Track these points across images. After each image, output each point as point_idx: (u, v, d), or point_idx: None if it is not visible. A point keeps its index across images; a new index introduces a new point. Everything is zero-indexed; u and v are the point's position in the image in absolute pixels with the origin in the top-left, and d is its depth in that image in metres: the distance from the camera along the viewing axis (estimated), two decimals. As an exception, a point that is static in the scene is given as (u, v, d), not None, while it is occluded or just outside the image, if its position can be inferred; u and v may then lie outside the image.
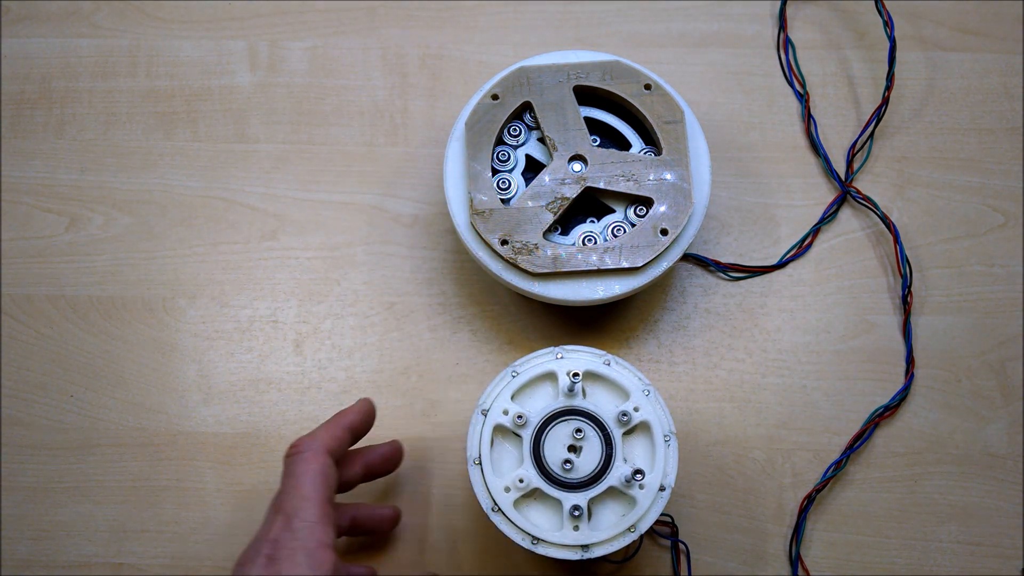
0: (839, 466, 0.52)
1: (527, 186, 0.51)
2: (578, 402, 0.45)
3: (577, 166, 0.51)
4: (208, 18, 0.61)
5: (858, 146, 0.58)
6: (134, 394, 0.54)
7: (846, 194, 0.57)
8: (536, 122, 0.52)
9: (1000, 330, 0.55)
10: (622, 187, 0.50)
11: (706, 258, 0.56)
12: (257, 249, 0.57)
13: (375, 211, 0.57)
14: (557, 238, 0.51)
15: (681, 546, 0.51)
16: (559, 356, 0.46)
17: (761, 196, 0.58)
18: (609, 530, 0.44)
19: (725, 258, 0.56)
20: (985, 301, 0.55)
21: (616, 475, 0.44)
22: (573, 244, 0.50)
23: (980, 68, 0.60)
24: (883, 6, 0.58)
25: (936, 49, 0.61)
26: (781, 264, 0.56)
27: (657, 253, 0.49)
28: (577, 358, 0.46)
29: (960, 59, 0.60)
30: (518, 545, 0.44)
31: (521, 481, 0.44)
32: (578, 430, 0.45)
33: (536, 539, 0.44)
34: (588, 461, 0.45)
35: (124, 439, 0.53)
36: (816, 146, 0.58)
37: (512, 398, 0.45)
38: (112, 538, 0.52)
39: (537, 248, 0.49)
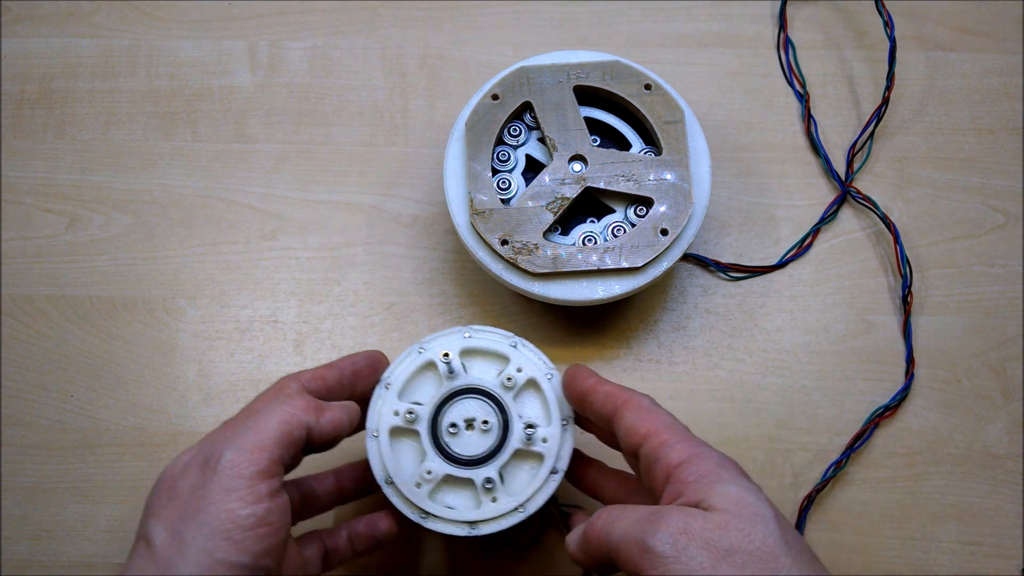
0: (839, 466, 0.52)
1: (527, 186, 0.51)
2: (507, 397, 0.45)
3: (577, 166, 0.51)
4: (208, 18, 0.61)
5: (858, 146, 0.58)
6: (134, 394, 0.54)
7: (846, 194, 0.57)
8: (536, 122, 0.52)
9: (1000, 330, 0.55)
10: (622, 187, 0.50)
11: (706, 258, 0.56)
12: (257, 249, 0.57)
13: (375, 211, 0.57)
14: (557, 238, 0.51)
15: None
16: (513, 345, 0.46)
17: (761, 196, 0.58)
18: (450, 512, 0.44)
19: (725, 258, 0.56)
20: (985, 301, 0.55)
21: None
22: (573, 244, 0.50)
23: (980, 68, 0.60)
24: (883, 6, 0.58)
25: (936, 49, 0.61)
26: (781, 264, 0.56)
27: (657, 253, 0.49)
28: (526, 355, 0.46)
29: (960, 59, 0.60)
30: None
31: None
32: (488, 416, 0.45)
33: (390, 481, 0.44)
34: (472, 445, 0.45)
35: (124, 439, 0.53)
36: (816, 146, 0.58)
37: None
38: (112, 538, 0.52)
39: (537, 248, 0.49)
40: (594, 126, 0.52)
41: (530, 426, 0.44)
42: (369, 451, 0.44)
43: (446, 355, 0.44)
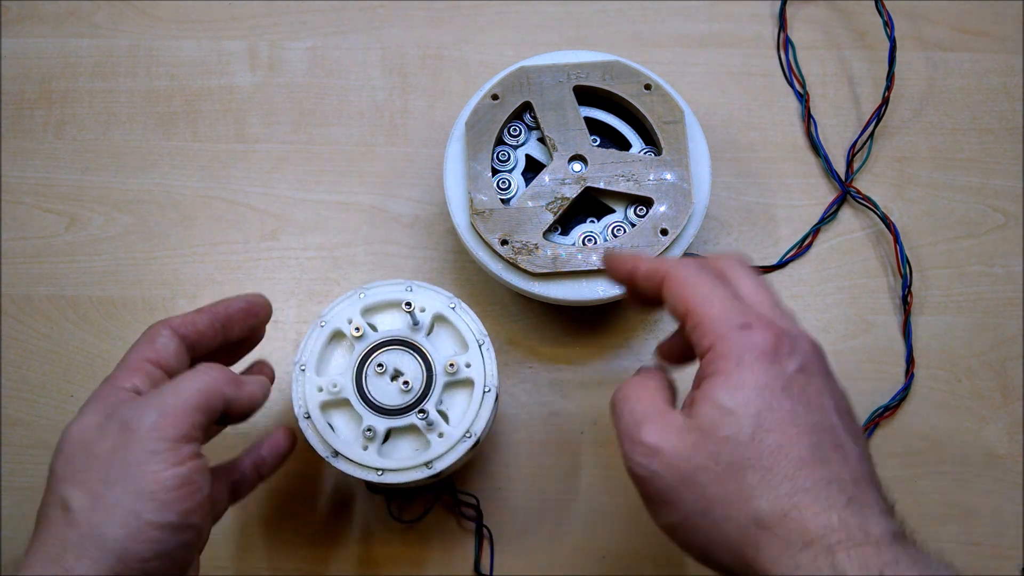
0: (839, 466, 0.52)
1: (527, 186, 0.51)
2: (419, 338, 0.46)
3: (577, 166, 0.51)
4: (208, 18, 0.61)
5: (858, 146, 0.58)
6: (134, 394, 0.54)
7: (846, 194, 0.57)
8: (536, 122, 0.52)
9: (1000, 330, 0.55)
10: (622, 187, 0.50)
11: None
12: (257, 249, 0.57)
13: (375, 211, 0.57)
14: (557, 238, 0.51)
15: (485, 531, 0.51)
16: (408, 289, 0.47)
17: (761, 196, 0.58)
18: (405, 460, 0.45)
19: (725, 258, 0.56)
20: (985, 301, 0.55)
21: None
22: (573, 244, 0.50)
23: (980, 68, 0.60)
24: (883, 6, 0.58)
25: (936, 49, 0.61)
26: (781, 264, 0.56)
27: (657, 253, 0.49)
28: (424, 295, 0.47)
29: (960, 59, 0.60)
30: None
31: (335, 386, 0.45)
32: (407, 362, 0.46)
33: (337, 453, 0.45)
34: (402, 393, 0.46)
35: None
36: (816, 146, 0.58)
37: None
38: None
39: (537, 248, 0.49)
40: (594, 126, 0.52)
41: (451, 364, 0.45)
42: (306, 433, 0.45)
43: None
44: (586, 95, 0.52)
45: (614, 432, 0.37)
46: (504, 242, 0.49)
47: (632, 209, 0.51)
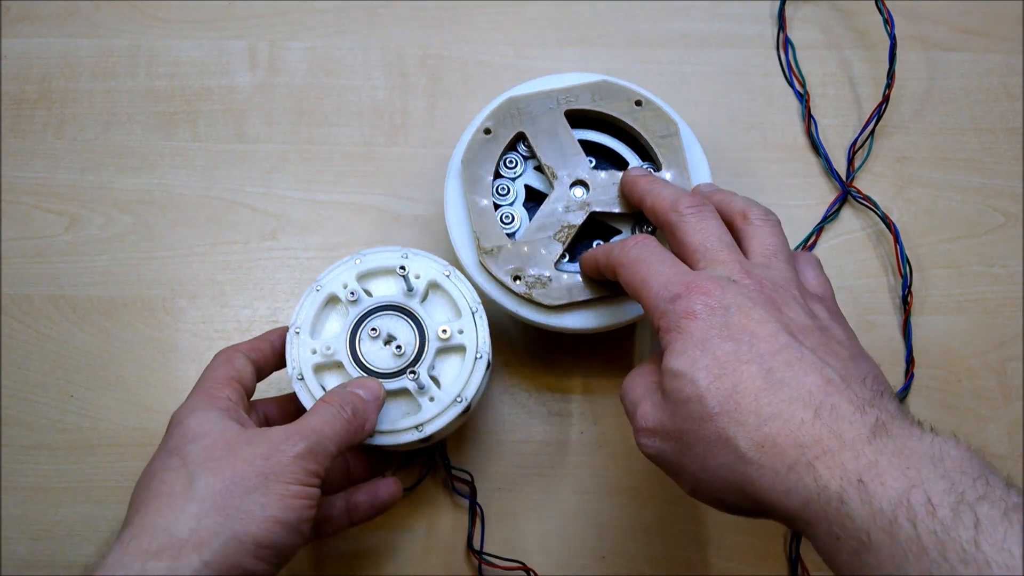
0: (839, 466, 0.52)
1: (531, 218, 0.50)
2: (413, 304, 0.47)
3: (579, 192, 0.50)
4: (208, 18, 0.61)
5: (858, 144, 0.58)
6: (134, 394, 0.54)
7: (847, 194, 0.57)
8: (531, 151, 0.51)
9: (1000, 330, 0.55)
10: (626, 207, 0.49)
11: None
12: (257, 249, 0.57)
13: (375, 211, 0.57)
14: (567, 266, 0.49)
15: (477, 508, 0.51)
16: (404, 256, 0.48)
17: (761, 196, 0.57)
18: (395, 423, 0.45)
19: (725, 258, 0.56)
20: (985, 301, 0.55)
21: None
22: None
23: (980, 68, 0.60)
24: (883, 4, 0.58)
25: (936, 49, 0.61)
26: None
27: None
28: (420, 262, 0.48)
29: (960, 59, 0.60)
30: None
31: (328, 348, 0.46)
32: (401, 327, 0.46)
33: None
34: (395, 357, 0.46)
35: (124, 439, 0.53)
36: (816, 146, 0.58)
37: (358, 280, 0.47)
38: (112, 538, 0.52)
39: (551, 280, 0.48)
40: (590, 148, 0.51)
41: (443, 330, 0.46)
42: (299, 393, 0.46)
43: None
44: (578, 117, 0.52)
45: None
46: (517, 277, 0.48)
47: (639, 228, 0.50)
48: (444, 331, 0.46)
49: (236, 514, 0.37)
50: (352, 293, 0.47)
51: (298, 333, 0.46)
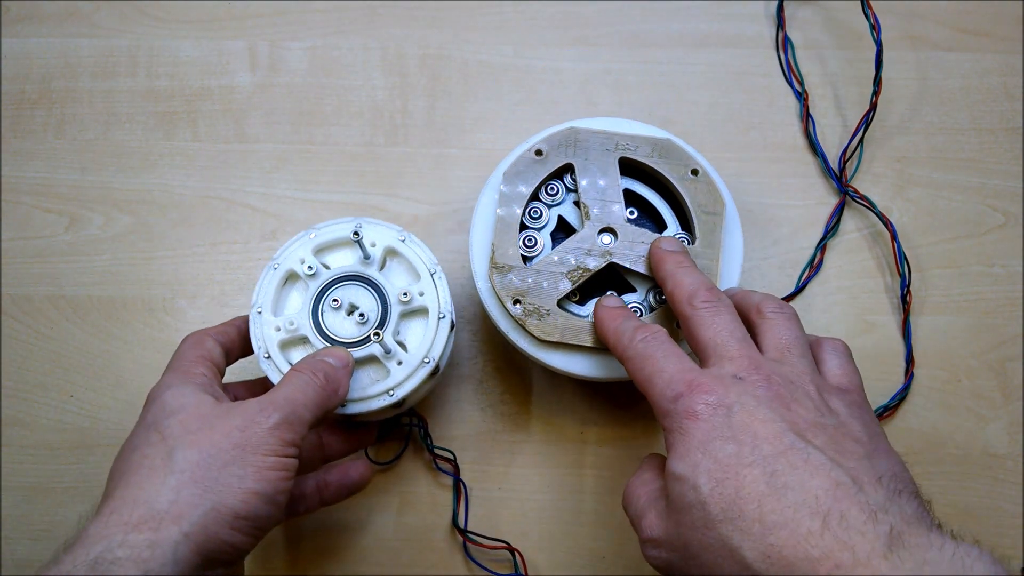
0: (839, 466, 0.52)
1: (552, 248, 0.49)
2: (372, 272, 0.47)
3: (607, 238, 0.49)
4: (208, 18, 0.61)
5: (849, 152, 0.58)
6: (134, 394, 0.54)
7: (845, 195, 0.57)
8: (575, 185, 0.50)
9: (1000, 330, 0.55)
10: (647, 270, 0.48)
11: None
12: (257, 249, 0.57)
13: (375, 211, 0.57)
14: (573, 306, 0.49)
15: (461, 485, 0.52)
16: (358, 226, 0.48)
17: (761, 196, 0.58)
18: (366, 390, 0.45)
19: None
20: (985, 301, 0.55)
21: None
22: (587, 317, 0.48)
23: (980, 68, 0.60)
24: (870, 8, 0.57)
25: (936, 49, 0.61)
26: (800, 289, 0.56)
27: None
28: (375, 230, 0.48)
29: (960, 59, 0.60)
30: None
31: (291, 324, 0.46)
32: (362, 296, 0.47)
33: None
34: (359, 325, 0.46)
35: (124, 439, 0.53)
36: (815, 146, 0.58)
37: (315, 254, 0.48)
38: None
39: (549, 314, 0.47)
40: (633, 198, 0.50)
41: (404, 293, 0.47)
42: (267, 372, 0.46)
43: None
44: (632, 167, 0.50)
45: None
46: (517, 301, 0.47)
47: (653, 293, 0.49)
48: (405, 295, 0.47)
49: (214, 486, 0.38)
50: (310, 268, 0.47)
51: (260, 312, 0.47)
